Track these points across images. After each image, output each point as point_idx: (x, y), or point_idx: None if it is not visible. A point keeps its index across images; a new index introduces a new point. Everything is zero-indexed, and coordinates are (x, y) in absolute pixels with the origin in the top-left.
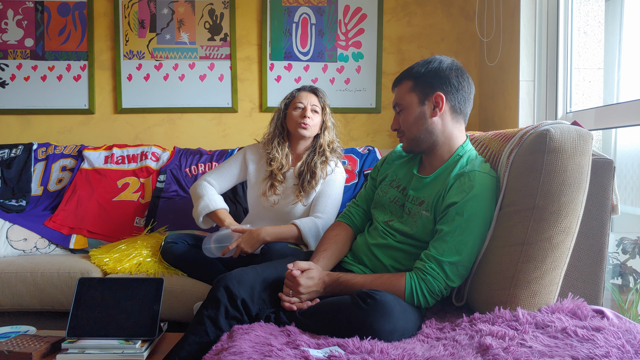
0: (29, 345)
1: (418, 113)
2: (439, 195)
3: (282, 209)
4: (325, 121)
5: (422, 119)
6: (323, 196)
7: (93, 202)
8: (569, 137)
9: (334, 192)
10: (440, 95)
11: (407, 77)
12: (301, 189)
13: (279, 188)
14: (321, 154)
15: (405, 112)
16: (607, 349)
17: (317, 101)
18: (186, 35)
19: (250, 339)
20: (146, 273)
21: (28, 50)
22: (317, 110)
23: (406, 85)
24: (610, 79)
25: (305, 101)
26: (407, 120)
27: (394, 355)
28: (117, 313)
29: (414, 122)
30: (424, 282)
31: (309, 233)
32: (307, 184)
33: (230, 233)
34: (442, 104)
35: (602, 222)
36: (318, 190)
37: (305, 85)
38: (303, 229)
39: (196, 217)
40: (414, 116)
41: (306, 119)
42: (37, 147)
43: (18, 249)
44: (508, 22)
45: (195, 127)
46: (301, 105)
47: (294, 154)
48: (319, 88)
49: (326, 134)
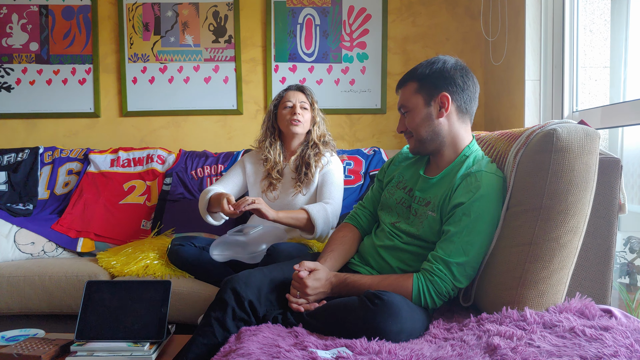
0: (38, 348)
1: (424, 115)
2: (446, 196)
3: (283, 203)
4: (315, 116)
5: (429, 120)
6: (326, 184)
7: (100, 206)
8: (576, 136)
9: (336, 180)
10: (445, 96)
11: (412, 79)
12: (299, 181)
13: (277, 185)
14: (314, 147)
15: (412, 114)
16: (616, 348)
17: (305, 98)
18: (190, 37)
19: (258, 341)
20: (153, 276)
21: (33, 54)
22: (306, 107)
23: (411, 86)
24: (617, 77)
25: (293, 99)
26: (413, 122)
27: (401, 355)
28: (125, 316)
29: (420, 123)
30: (432, 283)
31: (317, 215)
32: (304, 175)
33: (235, 239)
34: (448, 104)
35: (609, 221)
36: (319, 181)
37: (291, 85)
38: (311, 212)
39: (203, 214)
40: (421, 118)
41: (296, 116)
42: (44, 151)
43: (26, 252)
44: (513, 21)
45: (200, 129)
46: (290, 103)
47: (288, 151)
48: (305, 86)
49: (316, 128)
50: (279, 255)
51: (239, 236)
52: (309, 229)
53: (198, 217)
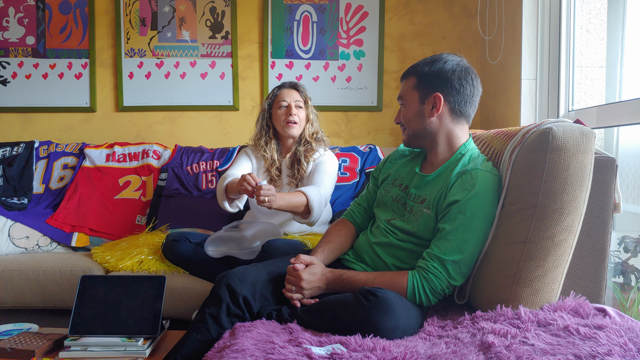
0: (32, 343)
1: (417, 111)
2: (441, 193)
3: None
4: (308, 114)
5: (421, 117)
6: (317, 172)
7: (95, 200)
8: (571, 135)
9: (328, 169)
10: (439, 97)
11: (413, 74)
12: (293, 177)
13: (278, 181)
14: (305, 144)
15: (407, 107)
16: (610, 347)
17: (299, 96)
18: (187, 33)
19: (252, 337)
20: (148, 271)
21: (29, 48)
22: (300, 106)
23: (411, 81)
24: (613, 77)
25: (288, 98)
26: (407, 115)
27: (396, 353)
28: (119, 311)
29: (412, 118)
30: (427, 280)
31: (314, 199)
32: (297, 172)
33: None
34: (440, 105)
35: (604, 220)
36: (311, 168)
37: (285, 82)
38: (309, 195)
39: (220, 199)
40: (413, 113)
41: (292, 117)
42: (39, 145)
43: (20, 246)
44: (510, 20)
45: (196, 125)
46: (285, 103)
47: (284, 147)
48: (299, 83)
49: (309, 126)
50: (274, 252)
51: (234, 232)
52: (304, 213)
53: (193, 212)
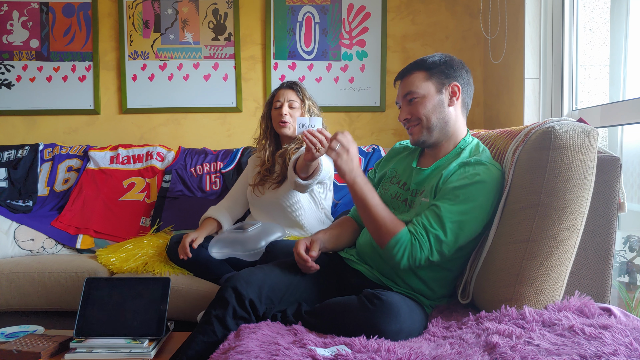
0: (38, 345)
1: (437, 101)
2: (439, 181)
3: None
4: (303, 114)
5: (441, 107)
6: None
7: (99, 202)
8: (574, 134)
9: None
10: (457, 86)
11: (419, 68)
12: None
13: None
14: (296, 140)
15: (422, 100)
16: (615, 347)
17: (294, 96)
18: (190, 35)
19: (257, 338)
20: (152, 272)
21: (33, 51)
22: (295, 106)
23: (419, 75)
24: (616, 76)
25: (282, 98)
26: (425, 108)
27: (400, 354)
28: (124, 312)
29: (432, 109)
30: (412, 246)
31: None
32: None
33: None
34: (459, 94)
35: (608, 219)
36: None
37: (283, 83)
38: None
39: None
40: (433, 104)
41: (283, 117)
42: (43, 147)
43: (25, 249)
44: (513, 19)
45: (200, 126)
46: (279, 103)
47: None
48: (296, 82)
49: None
50: (277, 253)
51: (238, 233)
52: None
53: (197, 214)
